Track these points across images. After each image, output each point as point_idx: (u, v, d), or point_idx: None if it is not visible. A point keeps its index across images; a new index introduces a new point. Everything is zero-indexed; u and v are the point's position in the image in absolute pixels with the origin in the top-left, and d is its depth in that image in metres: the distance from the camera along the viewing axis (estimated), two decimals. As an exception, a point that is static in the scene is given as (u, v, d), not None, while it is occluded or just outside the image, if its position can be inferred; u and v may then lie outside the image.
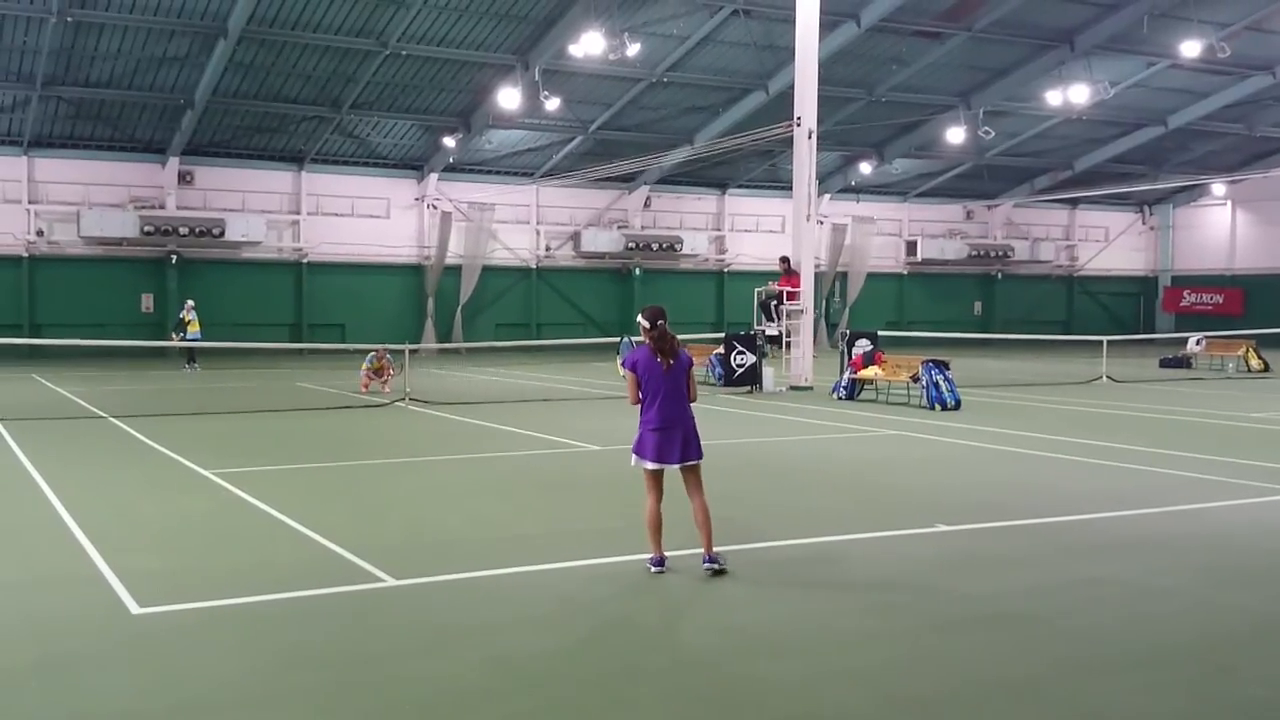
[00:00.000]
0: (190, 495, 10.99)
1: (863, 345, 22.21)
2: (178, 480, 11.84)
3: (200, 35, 28.29)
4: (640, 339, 8.32)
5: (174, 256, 34.36)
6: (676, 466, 7.96)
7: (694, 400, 8.15)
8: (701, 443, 8.12)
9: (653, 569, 7.89)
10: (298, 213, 36.31)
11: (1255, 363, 28.75)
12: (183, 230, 33.76)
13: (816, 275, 25.36)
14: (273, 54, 29.65)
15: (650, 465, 7.95)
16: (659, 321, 8.05)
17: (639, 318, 8.23)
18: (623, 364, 8.19)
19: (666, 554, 7.97)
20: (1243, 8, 31.84)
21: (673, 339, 8.08)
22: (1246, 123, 40.65)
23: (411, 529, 9.52)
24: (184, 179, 34.67)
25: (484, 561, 8.11)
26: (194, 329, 27.76)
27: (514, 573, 7.88)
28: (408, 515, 10.12)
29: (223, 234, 34.17)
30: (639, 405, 8.05)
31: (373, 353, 22.23)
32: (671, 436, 7.92)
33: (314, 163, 36.04)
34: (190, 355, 28.42)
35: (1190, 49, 31.23)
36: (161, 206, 34.26)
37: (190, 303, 28.46)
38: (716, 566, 7.84)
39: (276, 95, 31.98)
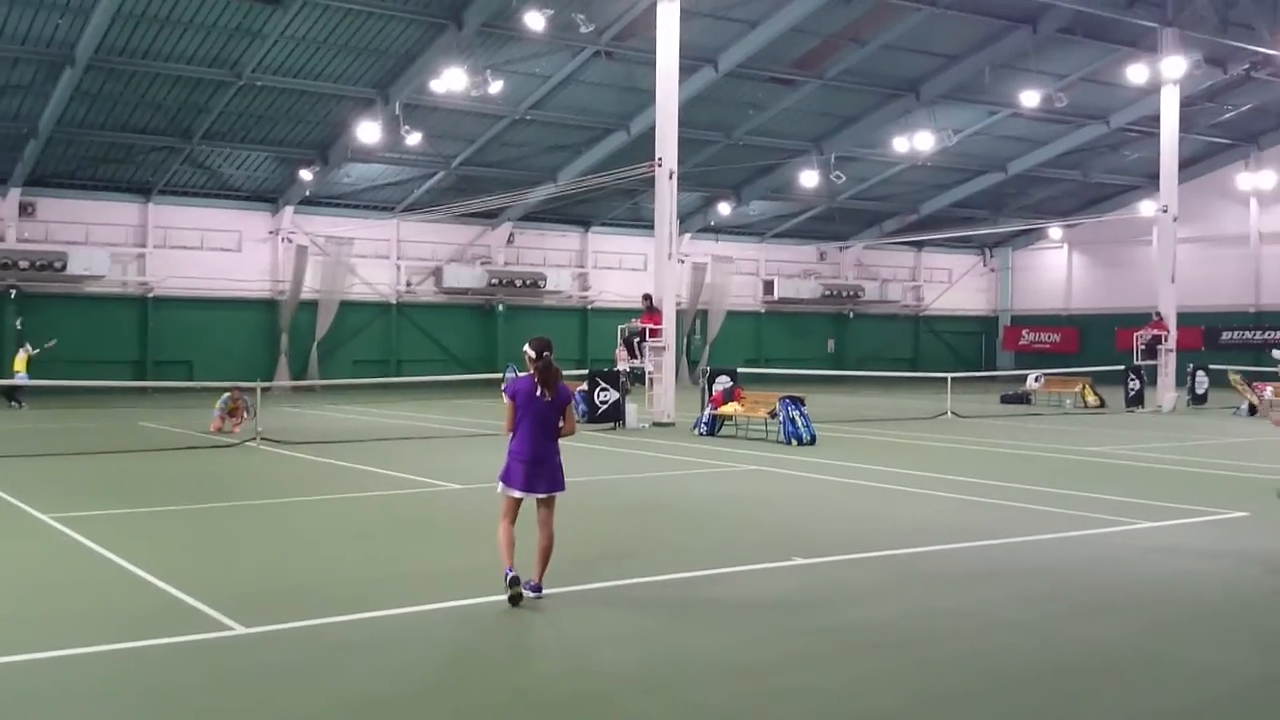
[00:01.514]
0: (23, 540, 10.44)
1: (723, 382, 22.54)
2: (9, 524, 11.23)
3: (46, 63, 27.20)
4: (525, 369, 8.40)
5: (13, 291, 32.78)
6: (537, 497, 8.14)
7: (570, 434, 8.32)
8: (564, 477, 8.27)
9: (509, 588, 7.85)
10: (144, 246, 35.07)
11: (1091, 399, 30.12)
12: (23, 264, 32.25)
13: (678, 313, 25.67)
14: (121, 83, 28.69)
15: (517, 494, 8.08)
16: (545, 353, 8.16)
17: (526, 347, 8.34)
18: (504, 390, 8.25)
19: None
20: (1078, 60, 33.65)
21: (556, 372, 8.20)
22: (1082, 169, 42.87)
23: (262, 574, 9.22)
24: (25, 210, 33.16)
25: (339, 607, 7.89)
26: (20, 368, 26.39)
27: (370, 617, 7.69)
28: (258, 560, 9.81)
29: (65, 267, 32.75)
30: (511, 434, 8.14)
31: (227, 394, 21.48)
32: (540, 469, 8.08)
33: (162, 194, 34.90)
34: (10, 393, 26.86)
35: (1029, 99, 32.81)
36: (1, 239, 32.70)
37: (26, 344, 27.16)
38: (537, 594, 8.01)
39: (125, 125, 30.92)
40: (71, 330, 32.93)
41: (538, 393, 8.08)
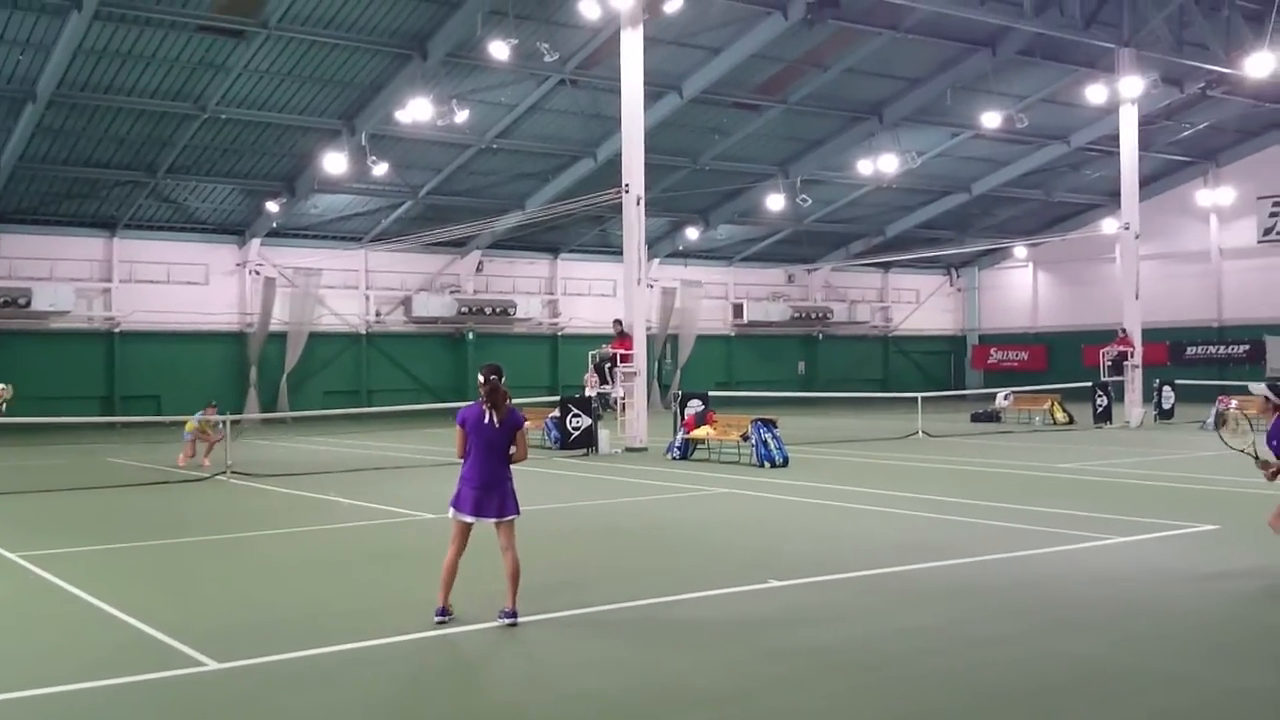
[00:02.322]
0: (-9, 581, 10.31)
1: (694, 406, 22.58)
2: (-23, 566, 11.08)
3: (6, 99, 27.05)
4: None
5: (-26, 328, 32.46)
6: (491, 522, 8.22)
7: (521, 460, 8.40)
8: (519, 502, 8.36)
9: (435, 619, 8.11)
10: (110, 280, 34.81)
11: (1060, 416, 30.37)
12: (-16, 301, 31.97)
13: (648, 337, 25.72)
14: (84, 118, 28.55)
15: (466, 518, 8.22)
16: (491, 376, 8.29)
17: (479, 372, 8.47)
18: (456, 418, 8.43)
19: (451, 606, 8.27)
20: (1038, 81, 34.11)
21: (503, 394, 8.29)
22: (1044, 189, 43.35)
23: (235, 609, 9.13)
24: (-14, 247, 32.91)
25: (313, 640, 7.83)
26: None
27: (345, 649, 7.63)
28: (231, 594, 9.72)
29: (29, 304, 32.44)
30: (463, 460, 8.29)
31: (199, 412, 21.07)
32: (489, 494, 8.20)
33: (127, 229, 34.67)
34: None
35: (991, 120, 33.19)
36: (-38, 276, 32.42)
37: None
38: (512, 620, 8.08)
39: (88, 160, 30.74)
40: (37, 367, 32.61)
41: (486, 419, 8.21)
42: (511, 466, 8.38)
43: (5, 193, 31.27)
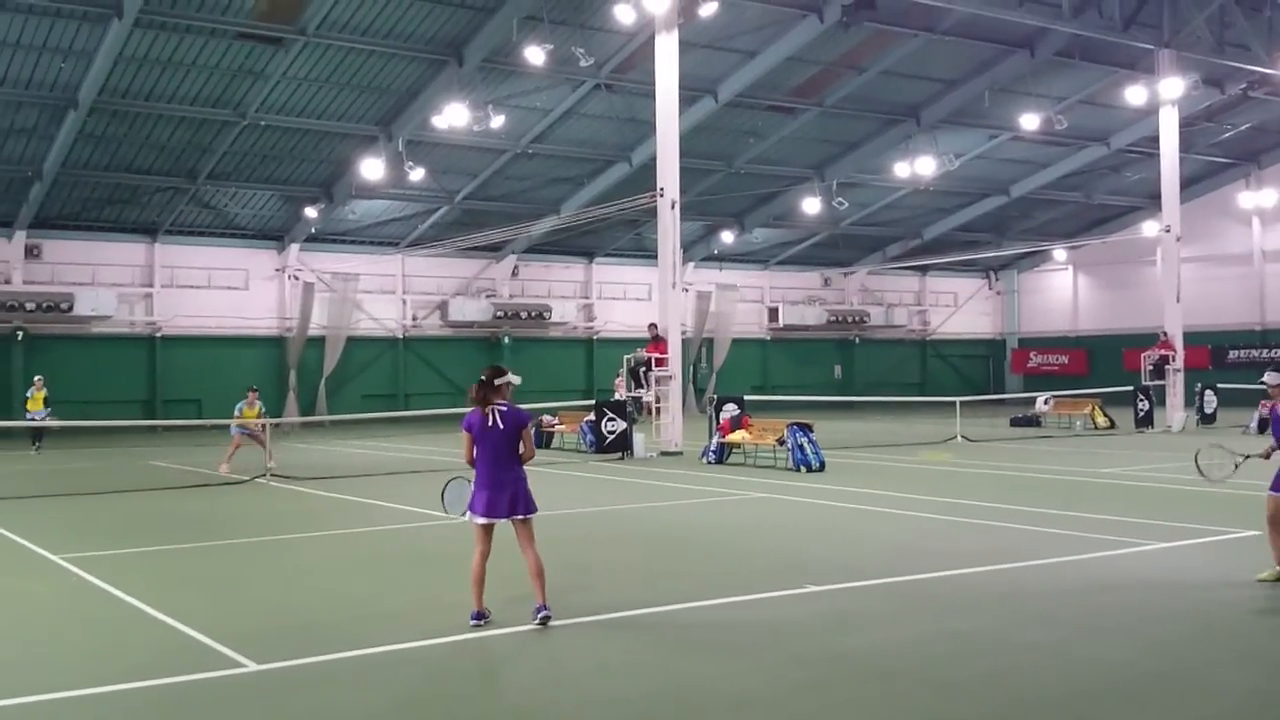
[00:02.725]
0: (35, 581, 10.45)
1: (730, 410, 22.51)
2: (21, 565, 11.25)
3: (50, 106, 27.46)
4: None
5: (20, 333, 32.93)
6: (506, 520, 8.33)
7: (530, 459, 8.50)
8: (534, 500, 8.45)
9: (472, 623, 8.18)
10: (151, 285, 35.24)
11: (1101, 420, 30.05)
12: (29, 305, 32.43)
13: (683, 341, 25.71)
14: (125, 125, 28.93)
15: (480, 520, 8.34)
16: (483, 376, 8.46)
17: None
18: (462, 424, 8.55)
19: (488, 609, 8.34)
20: (1077, 82, 33.80)
21: (499, 389, 8.39)
22: (1084, 191, 42.94)
23: (274, 611, 9.21)
24: (31, 253, 33.38)
25: (351, 641, 7.89)
26: (35, 406, 26.06)
27: (383, 651, 7.69)
28: (270, 596, 9.81)
29: (71, 308, 32.92)
30: (474, 464, 8.45)
31: (243, 400, 21.00)
32: (499, 493, 8.31)
33: (168, 234, 35.10)
34: (36, 435, 26.87)
35: (1029, 122, 32.93)
36: (7, 281, 32.90)
37: (39, 378, 26.89)
38: (545, 614, 8.18)
39: (129, 166, 31.15)
40: (79, 371, 33.13)
41: (490, 421, 8.33)
42: (525, 466, 8.48)
43: (48, 199, 31.75)
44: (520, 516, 8.33)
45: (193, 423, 31.58)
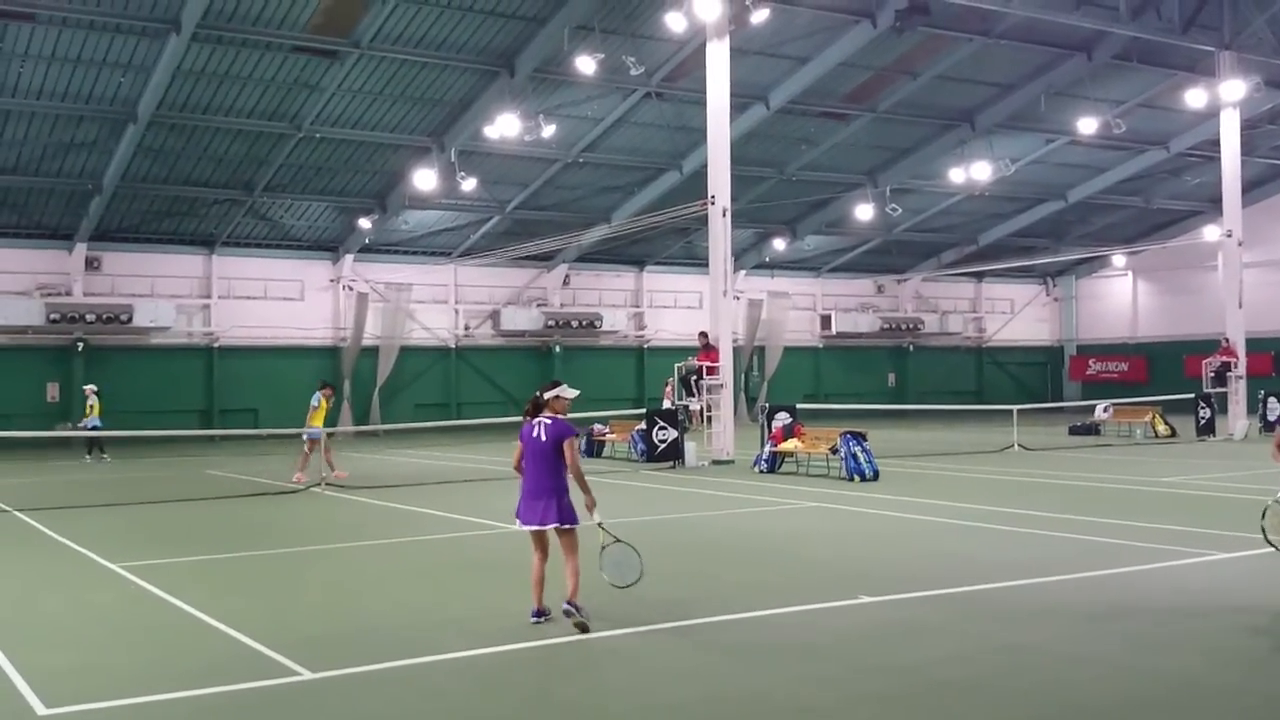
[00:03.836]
0: (96, 589, 10.59)
1: (782, 418, 22.38)
2: (83, 574, 11.41)
3: (109, 120, 27.96)
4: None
5: (80, 344, 33.56)
6: (552, 528, 8.57)
7: (575, 471, 8.59)
8: (574, 511, 8.61)
9: (532, 619, 8.50)
10: (208, 297, 35.76)
11: (1162, 428, 29.51)
12: (89, 317, 33.01)
13: (735, 350, 25.60)
14: (183, 138, 29.39)
15: (520, 526, 8.73)
16: (538, 391, 8.86)
17: None
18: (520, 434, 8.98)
19: (547, 607, 8.61)
20: (1135, 86, 33.27)
21: (550, 404, 8.75)
22: (1143, 195, 42.25)
23: (329, 619, 9.25)
24: (91, 265, 33.99)
25: (407, 649, 7.91)
26: (92, 415, 26.44)
27: (439, 660, 7.69)
28: (325, 605, 9.86)
29: (130, 320, 33.47)
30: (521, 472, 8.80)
31: (317, 394, 21.01)
32: (538, 502, 8.57)
33: (225, 246, 35.60)
34: (91, 445, 27.13)
35: (1087, 126, 32.46)
36: (68, 293, 33.52)
37: (91, 387, 27.30)
38: (572, 610, 8.36)
39: (187, 179, 31.64)
40: (138, 381, 33.67)
41: (534, 433, 8.69)
42: (574, 479, 8.57)
43: (108, 212, 32.33)
44: (558, 525, 8.54)
45: (249, 432, 31.98)
